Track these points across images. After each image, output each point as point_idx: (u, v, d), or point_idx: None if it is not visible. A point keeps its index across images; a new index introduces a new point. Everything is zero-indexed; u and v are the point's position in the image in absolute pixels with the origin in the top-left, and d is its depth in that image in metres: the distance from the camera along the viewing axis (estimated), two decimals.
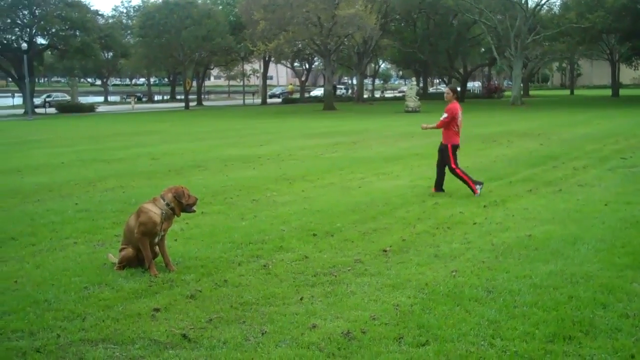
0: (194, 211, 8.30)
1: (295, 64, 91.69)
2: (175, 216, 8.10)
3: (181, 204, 8.02)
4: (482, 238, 9.27)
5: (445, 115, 13.16)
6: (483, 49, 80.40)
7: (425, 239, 9.30)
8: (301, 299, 6.74)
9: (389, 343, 5.56)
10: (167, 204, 7.96)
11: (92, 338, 5.78)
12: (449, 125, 13.20)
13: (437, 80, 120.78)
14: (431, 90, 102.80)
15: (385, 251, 8.62)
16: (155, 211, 7.88)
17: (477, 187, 12.94)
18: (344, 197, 12.99)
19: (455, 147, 13.25)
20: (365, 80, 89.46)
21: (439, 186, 13.42)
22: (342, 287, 7.12)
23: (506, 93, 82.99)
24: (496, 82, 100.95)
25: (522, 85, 70.09)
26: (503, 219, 10.56)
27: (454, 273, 7.50)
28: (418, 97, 52.44)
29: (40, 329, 6.00)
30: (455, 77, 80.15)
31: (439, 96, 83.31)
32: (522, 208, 11.42)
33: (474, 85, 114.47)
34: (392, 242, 9.12)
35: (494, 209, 11.41)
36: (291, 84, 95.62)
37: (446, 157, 13.19)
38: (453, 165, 13.14)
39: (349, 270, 7.78)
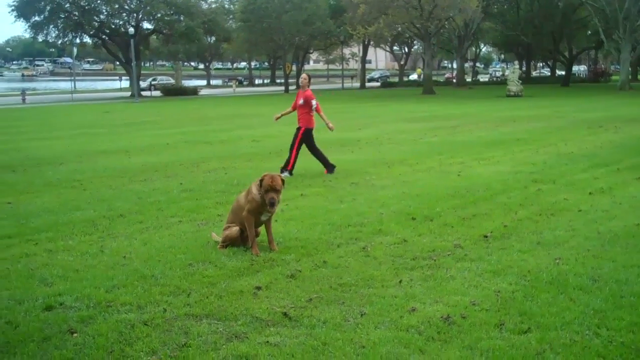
0: (272, 210, 8.07)
1: (395, 47, 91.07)
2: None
3: (265, 200, 7.97)
4: (587, 226, 9.01)
5: (314, 101, 14.14)
6: (589, 32, 77.37)
7: (527, 226, 9.11)
8: (400, 282, 6.73)
9: (489, 329, 5.49)
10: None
11: (197, 313, 5.95)
12: (310, 109, 14.13)
13: (541, 64, 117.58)
14: (534, 74, 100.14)
15: (486, 237, 8.49)
16: (255, 193, 8.03)
17: (286, 173, 13.68)
18: (443, 181, 12.87)
19: (311, 130, 14.29)
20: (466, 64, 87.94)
21: (329, 166, 14.17)
22: (442, 271, 7.08)
23: (613, 77, 79.93)
24: (603, 66, 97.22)
25: (630, 69, 67.26)
26: (610, 206, 10.22)
27: (557, 261, 7.32)
28: (520, 81, 51.16)
29: (148, 302, 6.23)
30: (559, 61, 77.77)
31: (543, 80, 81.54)
32: (630, 196, 11.02)
33: (580, 69, 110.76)
34: (492, 227, 8.98)
35: (600, 197, 11.05)
36: (419, 69, 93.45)
37: (296, 137, 14.15)
38: (296, 144, 14.09)
39: (448, 254, 7.72)
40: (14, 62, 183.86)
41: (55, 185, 13.20)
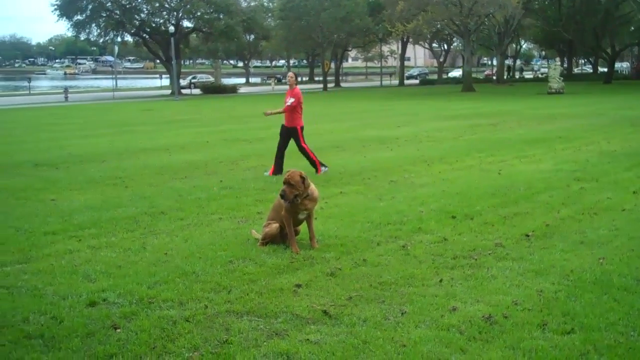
0: (287, 205, 8.04)
1: (434, 44, 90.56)
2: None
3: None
4: (631, 225, 8.86)
5: (292, 99, 13.90)
6: (633, 28, 76.03)
7: (570, 225, 8.99)
8: (440, 281, 6.70)
9: (532, 329, 5.43)
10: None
11: (238, 310, 5.99)
12: (296, 108, 13.95)
13: (582, 61, 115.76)
14: (576, 70, 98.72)
15: (528, 236, 8.40)
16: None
17: (323, 168, 13.92)
18: (483, 180, 12.76)
19: (302, 128, 14.12)
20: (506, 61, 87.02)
21: (279, 168, 13.81)
22: (483, 270, 7.02)
23: None
24: None
25: None
26: None
27: (601, 260, 7.21)
28: (562, 78, 50.47)
29: (189, 299, 6.29)
30: (601, 58, 76.52)
31: (584, 77, 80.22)
32: None
33: (622, 65, 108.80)
34: (534, 226, 8.88)
35: None
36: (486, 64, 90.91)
37: (297, 139, 13.98)
38: (303, 144, 14.01)
39: (489, 254, 7.65)
40: (56, 61, 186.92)
41: (98, 183, 13.39)
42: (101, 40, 72.71)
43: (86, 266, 7.41)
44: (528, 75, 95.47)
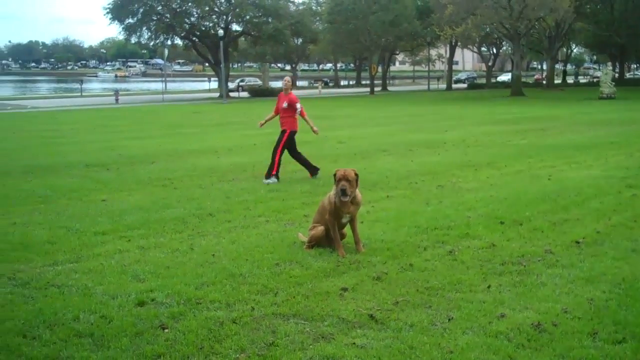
0: (344, 200, 8.02)
1: (482, 48, 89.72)
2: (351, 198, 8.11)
3: (337, 193, 8.02)
4: None
5: (299, 105, 13.86)
6: None
7: (621, 232, 8.81)
8: (489, 287, 6.62)
9: (582, 338, 5.33)
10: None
11: (284, 313, 6.01)
12: (294, 112, 13.84)
13: (635, 65, 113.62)
14: (628, 75, 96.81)
15: (578, 243, 8.26)
16: (332, 196, 8.12)
17: (273, 179, 13.37)
18: (532, 185, 12.59)
19: (295, 133, 14.02)
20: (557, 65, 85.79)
21: (312, 169, 13.99)
22: (532, 277, 6.91)
23: None
24: None
25: None
26: None
27: None
28: (614, 83, 49.55)
29: (236, 300, 6.32)
30: None
31: (637, 82, 78.63)
32: None
33: None
34: (585, 233, 8.72)
35: None
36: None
37: (280, 140, 13.76)
38: (280, 150, 13.68)
39: (538, 260, 7.54)
40: (107, 63, 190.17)
41: (147, 184, 13.58)
42: (151, 44, 73.69)
43: (135, 266, 7.51)
44: (583, 80, 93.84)
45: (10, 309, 6.16)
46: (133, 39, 70.61)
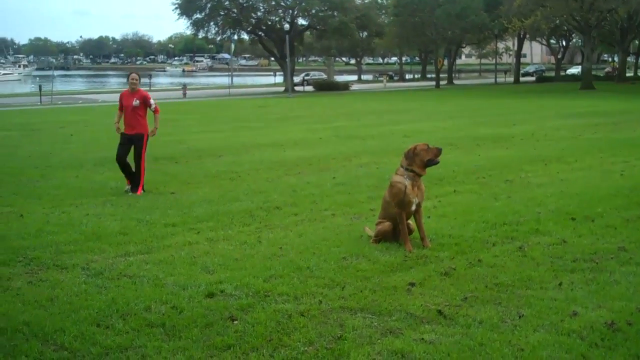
0: (437, 162, 8.17)
1: (551, 40, 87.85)
2: (420, 177, 8.10)
3: (422, 162, 8.05)
4: None
5: (152, 101, 12.40)
6: None
7: None
8: (560, 284, 6.49)
9: None
10: (406, 169, 8.07)
11: (351, 306, 6.01)
12: (144, 113, 12.42)
13: None
14: None
15: None
16: (399, 180, 8.08)
17: (134, 190, 12.11)
18: (604, 180, 12.29)
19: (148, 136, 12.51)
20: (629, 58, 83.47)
21: (133, 180, 12.29)
22: (605, 275, 6.75)
23: None
24: None
25: None
26: None
27: None
28: None
29: (304, 294, 6.36)
30: None
31: None
32: None
33: None
34: None
35: None
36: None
37: (141, 146, 12.34)
38: (144, 156, 12.38)
39: (611, 257, 7.35)
40: (175, 58, 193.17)
41: (215, 177, 13.76)
42: (218, 38, 74.66)
43: (205, 258, 7.62)
44: None
45: (85, 298, 6.32)
46: (200, 34, 71.57)
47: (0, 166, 15.03)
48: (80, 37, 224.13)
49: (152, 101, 12.38)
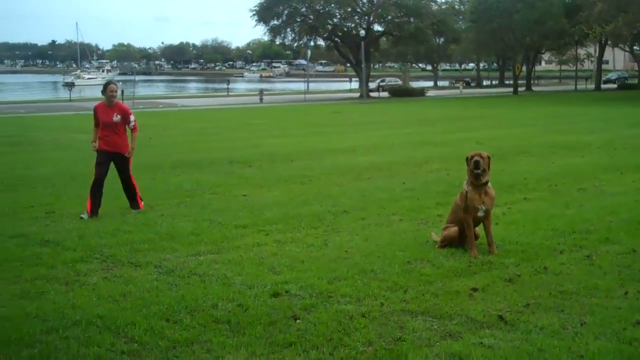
0: (478, 173, 8.01)
1: (635, 47, 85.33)
2: (482, 184, 8.09)
3: (470, 171, 8.09)
4: None
5: (133, 118, 11.17)
6: None
7: None
8: (626, 293, 6.41)
9: None
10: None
11: (413, 309, 6.09)
12: (124, 129, 11.21)
13: None
14: None
15: None
16: (463, 186, 8.22)
17: (142, 204, 11.24)
18: None
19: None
20: None
21: (97, 206, 10.83)
22: None
23: None
24: None
25: None
26: None
27: None
28: None
29: (366, 296, 6.47)
30: None
31: None
32: None
33: None
34: None
35: None
36: None
37: (128, 165, 11.21)
38: (131, 175, 11.30)
39: None
40: (253, 64, 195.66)
41: (286, 181, 14.00)
42: (295, 45, 75.49)
43: (272, 259, 7.82)
44: None
45: (156, 294, 6.60)
46: (277, 40, 72.50)
47: (80, 168, 15.56)
48: (162, 43, 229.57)
49: (132, 117, 11.20)
